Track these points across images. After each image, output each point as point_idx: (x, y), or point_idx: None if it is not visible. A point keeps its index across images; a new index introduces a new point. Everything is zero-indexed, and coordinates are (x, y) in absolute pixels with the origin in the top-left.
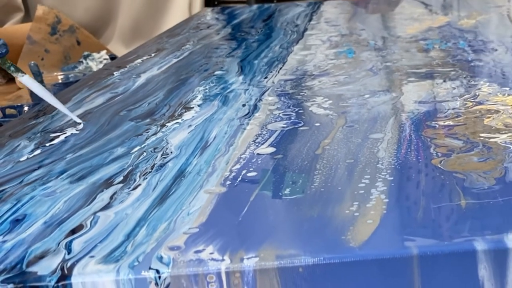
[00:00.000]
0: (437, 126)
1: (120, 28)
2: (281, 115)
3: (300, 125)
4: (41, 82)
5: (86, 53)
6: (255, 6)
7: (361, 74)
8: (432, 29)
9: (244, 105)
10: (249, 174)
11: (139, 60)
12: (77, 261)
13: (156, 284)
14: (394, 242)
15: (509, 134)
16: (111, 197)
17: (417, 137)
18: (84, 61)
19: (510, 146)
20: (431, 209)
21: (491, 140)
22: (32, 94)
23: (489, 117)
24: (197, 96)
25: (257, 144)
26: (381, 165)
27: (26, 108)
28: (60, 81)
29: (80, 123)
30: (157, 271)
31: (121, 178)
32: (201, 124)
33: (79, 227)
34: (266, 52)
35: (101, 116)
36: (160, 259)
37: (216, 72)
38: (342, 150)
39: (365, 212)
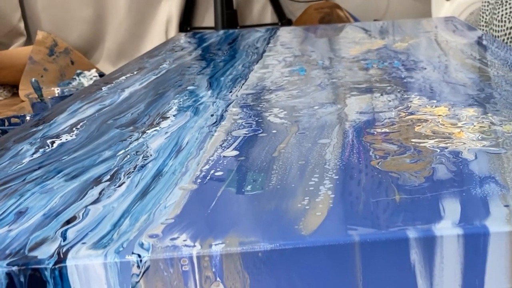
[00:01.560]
0: (375, 133)
1: (108, 50)
2: (243, 123)
3: (259, 132)
4: (40, 96)
5: (78, 71)
6: (221, 32)
7: (311, 89)
8: (371, 51)
9: (212, 115)
10: (216, 174)
11: (124, 77)
12: (71, 247)
13: (138, 266)
14: (339, 231)
15: (436, 140)
16: (100, 193)
17: (358, 142)
18: (77, 78)
19: (437, 149)
20: (370, 203)
21: (421, 144)
22: (33, 106)
23: (419, 125)
24: (172, 108)
25: (223, 148)
26: (328, 166)
27: (28, 118)
28: (56, 95)
29: None
30: (139, 256)
31: (108, 177)
32: (176, 131)
33: (73, 218)
34: (231, 70)
35: (92, 124)
36: (141, 245)
37: (189, 87)
38: (295, 153)
39: (314, 205)
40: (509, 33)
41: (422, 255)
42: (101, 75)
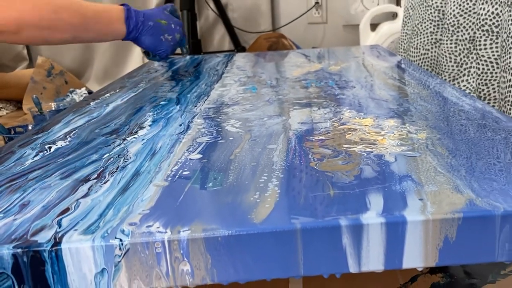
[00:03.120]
0: (313, 139)
1: (95, 72)
2: (206, 132)
3: (219, 139)
4: (40, 109)
5: (71, 89)
6: (188, 57)
7: (261, 104)
8: (310, 73)
9: (180, 125)
10: (184, 173)
11: (108, 94)
12: (65, 233)
13: (120, 249)
14: (284, 220)
15: (363, 145)
16: (88, 189)
17: (300, 147)
18: (70, 95)
19: (364, 153)
20: (309, 197)
21: (351, 149)
22: (34, 117)
23: (349, 133)
24: (148, 119)
25: (189, 152)
26: (275, 167)
27: (30, 127)
28: (53, 109)
29: None
30: (120, 240)
31: (96, 175)
32: (151, 138)
33: (67, 210)
34: (195, 89)
35: (82, 133)
36: (123, 231)
37: (161, 103)
38: (248, 156)
39: (264, 199)
40: (423, 58)
41: (352, 240)
42: (90, 92)
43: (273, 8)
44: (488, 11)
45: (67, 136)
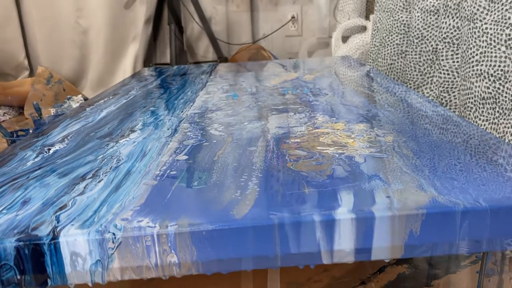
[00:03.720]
0: (290, 142)
1: (90, 80)
2: (192, 135)
3: (203, 141)
4: (40, 115)
5: (68, 96)
6: (175, 67)
7: (242, 109)
8: (287, 81)
9: (168, 129)
10: (171, 173)
11: (102, 101)
12: (63, 227)
13: (113, 242)
14: (263, 215)
15: (335, 147)
16: (84, 187)
17: (277, 149)
18: (67, 101)
19: (336, 155)
20: (286, 194)
21: (324, 151)
22: (34, 122)
23: (323, 137)
24: (138, 123)
25: (176, 153)
26: (255, 167)
27: (31, 131)
28: (52, 114)
29: None
30: (113, 234)
31: (91, 175)
32: (141, 141)
33: (64, 206)
34: (182, 96)
35: (78, 136)
36: (115, 226)
37: (151, 108)
38: (230, 157)
39: (244, 196)
40: (390, 68)
41: (325, 233)
42: (85, 99)
43: (253, 22)
44: (449, 24)
45: (65, 139)
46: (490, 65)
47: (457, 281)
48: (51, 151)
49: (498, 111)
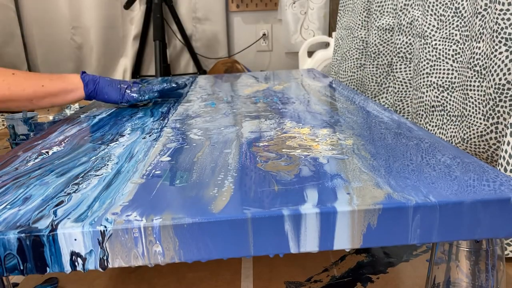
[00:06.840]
0: (260, 145)
1: None
2: (174, 139)
3: (185, 144)
4: (36, 121)
5: (67, 105)
6: (160, 78)
7: (219, 116)
8: (258, 91)
9: (153, 134)
10: (156, 172)
11: (95, 109)
12: (60, 221)
13: (104, 234)
14: (237, 210)
15: (301, 150)
16: (79, 185)
17: (250, 152)
18: (65, 110)
19: (302, 156)
20: (258, 191)
21: (291, 153)
22: (35, 127)
23: (290, 140)
24: (127, 128)
25: (161, 155)
26: (230, 167)
27: (31, 135)
28: (50, 120)
29: None
30: (105, 227)
31: (85, 174)
32: (130, 144)
33: (61, 202)
34: (166, 104)
35: (74, 139)
36: (107, 220)
37: (138, 115)
38: (208, 158)
39: (221, 193)
40: (350, 79)
41: (292, 226)
42: (81, 107)
43: (228, 39)
44: (403, 41)
45: (62, 143)
46: (439, 76)
47: (410, 268)
48: (49, 153)
49: (446, 118)
